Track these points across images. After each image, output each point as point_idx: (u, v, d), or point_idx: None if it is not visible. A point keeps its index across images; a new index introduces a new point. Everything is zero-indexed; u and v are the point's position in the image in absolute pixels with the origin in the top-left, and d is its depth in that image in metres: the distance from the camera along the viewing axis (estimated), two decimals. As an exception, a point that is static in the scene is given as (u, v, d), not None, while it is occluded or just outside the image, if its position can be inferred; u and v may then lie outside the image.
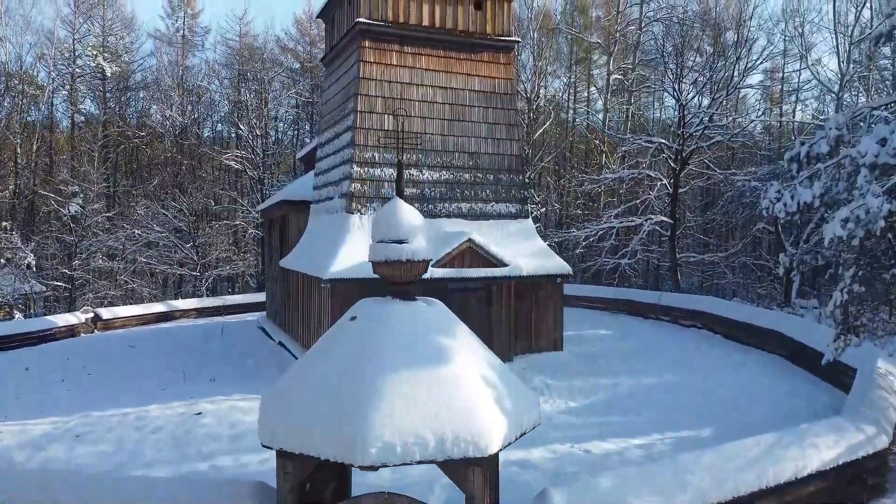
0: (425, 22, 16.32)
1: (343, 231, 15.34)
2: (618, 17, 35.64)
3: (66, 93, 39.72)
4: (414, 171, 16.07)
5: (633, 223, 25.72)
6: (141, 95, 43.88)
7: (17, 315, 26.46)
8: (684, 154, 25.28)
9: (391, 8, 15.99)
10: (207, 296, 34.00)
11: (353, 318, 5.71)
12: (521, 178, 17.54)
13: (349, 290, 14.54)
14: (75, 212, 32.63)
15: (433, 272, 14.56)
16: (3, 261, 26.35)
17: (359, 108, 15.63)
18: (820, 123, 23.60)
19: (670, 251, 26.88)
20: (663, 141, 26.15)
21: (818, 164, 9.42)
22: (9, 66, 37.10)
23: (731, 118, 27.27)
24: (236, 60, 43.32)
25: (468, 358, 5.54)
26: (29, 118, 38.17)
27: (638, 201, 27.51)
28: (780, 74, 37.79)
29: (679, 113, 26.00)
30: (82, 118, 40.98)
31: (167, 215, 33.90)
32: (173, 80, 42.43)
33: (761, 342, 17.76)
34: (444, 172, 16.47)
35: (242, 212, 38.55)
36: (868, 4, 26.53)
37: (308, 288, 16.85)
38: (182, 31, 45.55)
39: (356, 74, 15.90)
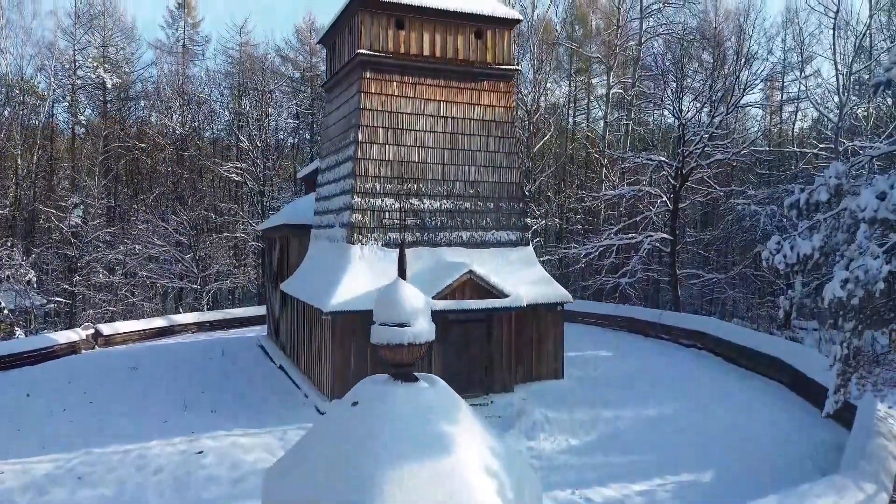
0: (426, 52, 16.31)
1: (344, 262, 15.37)
2: (618, 32, 35.58)
3: (67, 104, 39.73)
4: (415, 201, 16.10)
5: (634, 241, 25.75)
6: (141, 105, 43.91)
7: (18, 332, 26.45)
8: (684, 171, 25.31)
9: (391, 39, 15.99)
10: (209, 308, 34.02)
11: (354, 403, 5.74)
12: (521, 205, 17.57)
13: (349, 322, 14.66)
14: (75, 225, 32.63)
15: (434, 304, 14.57)
16: (3, 277, 26.34)
17: (360, 139, 15.64)
18: (823, 160, 23.53)
19: (670, 267, 26.93)
20: (663, 159, 26.18)
21: (818, 215, 9.45)
22: (9, 78, 37.11)
23: (730, 139, 27.27)
24: (236, 70, 43.31)
25: (470, 442, 5.56)
26: (30, 126, 38.11)
27: (638, 218, 27.55)
28: (780, 84, 37.79)
29: (679, 131, 26.02)
30: (83, 129, 40.96)
31: (167, 228, 33.91)
32: (173, 90, 42.42)
33: (761, 367, 17.81)
34: (445, 201, 16.48)
35: (243, 223, 38.56)
36: (867, 34, 26.50)
37: (309, 315, 16.88)
38: (182, 41, 45.59)
39: (357, 105, 15.91)
